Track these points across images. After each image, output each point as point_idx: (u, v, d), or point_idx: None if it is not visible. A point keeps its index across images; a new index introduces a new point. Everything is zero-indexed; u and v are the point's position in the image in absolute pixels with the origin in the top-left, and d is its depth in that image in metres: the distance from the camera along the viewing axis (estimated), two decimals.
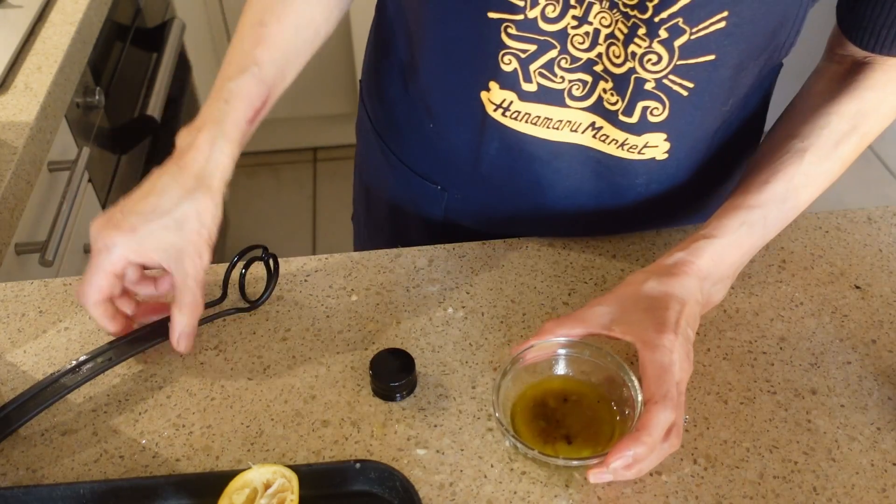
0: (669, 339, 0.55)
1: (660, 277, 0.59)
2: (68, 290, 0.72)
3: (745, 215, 0.62)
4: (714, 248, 0.61)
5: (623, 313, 0.58)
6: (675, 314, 0.57)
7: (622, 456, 0.51)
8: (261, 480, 0.54)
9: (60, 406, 0.63)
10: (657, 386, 0.53)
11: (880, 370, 0.64)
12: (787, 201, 0.64)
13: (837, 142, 0.64)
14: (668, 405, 0.52)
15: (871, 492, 0.56)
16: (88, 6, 1.15)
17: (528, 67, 0.63)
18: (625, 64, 0.61)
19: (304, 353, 0.66)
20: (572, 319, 0.59)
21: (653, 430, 0.51)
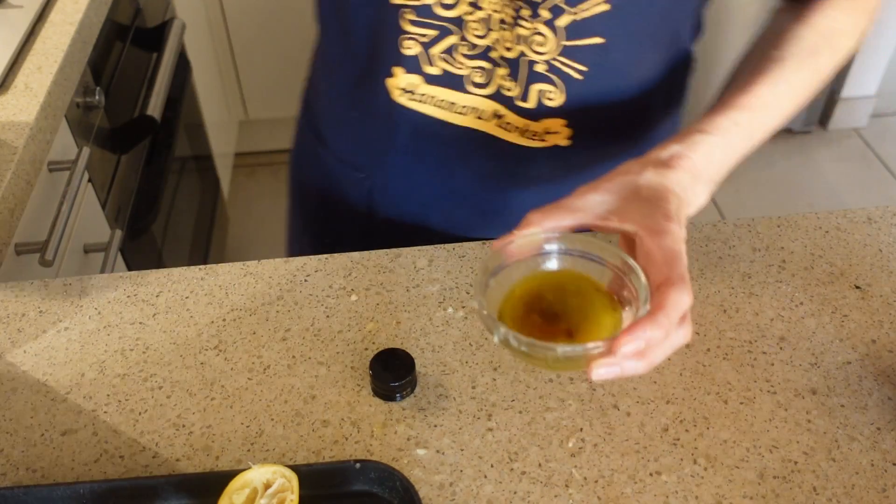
0: (677, 229, 0.49)
1: (657, 169, 0.53)
2: (69, 289, 0.72)
3: (736, 115, 0.59)
4: (708, 145, 0.56)
5: (620, 203, 0.52)
6: (674, 207, 0.51)
7: (635, 338, 0.44)
8: (261, 480, 0.54)
9: (60, 406, 0.63)
10: (671, 268, 0.47)
11: (880, 370, 0.64)
12: (771, 107, 0.61)
13: (813, 52, 0.63)
14: (684, 287, 0.46)
15: (870, 492, 0.56)
16: (88, 6, 1.15)
17: (429, 52, 0.66)
18: (515, 47, 0.63)
19: (304, 353, 0.66)
20: (561, 209, 0.52)
21: (670, 311, 0.45)
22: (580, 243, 0.52)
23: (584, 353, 0.45)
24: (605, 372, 0.45)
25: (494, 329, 0.47)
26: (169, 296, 0.72)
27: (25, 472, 0.59)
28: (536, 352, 0.46)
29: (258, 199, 2.27)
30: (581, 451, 0.59)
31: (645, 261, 0.48)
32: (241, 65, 2.16)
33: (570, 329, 0.50)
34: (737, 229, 0.77)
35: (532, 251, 0.52)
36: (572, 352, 0.46)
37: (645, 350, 0.45)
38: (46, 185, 1.01)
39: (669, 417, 0.61)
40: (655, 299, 0.46)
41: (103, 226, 1.18)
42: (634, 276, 0.48)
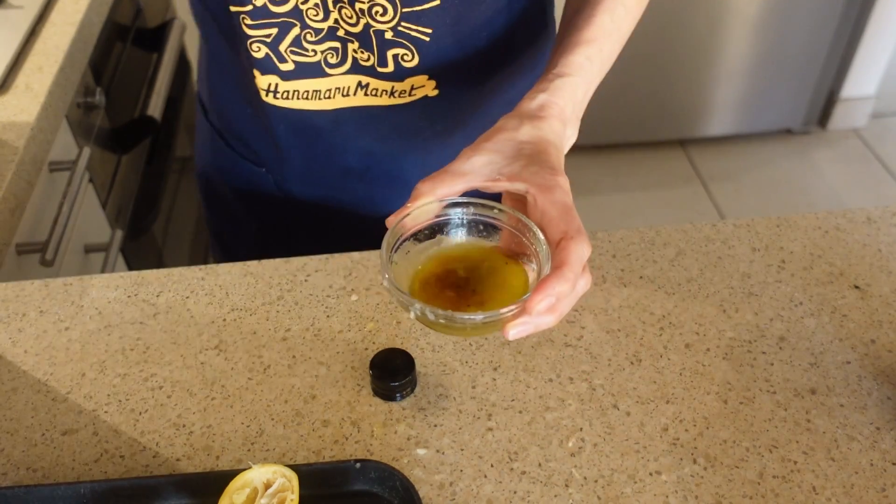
0: (564, 180, 0.51)
1: (532, 122, 0.55)
2: (69, 289, 0.72)
3: (586, 50, 0.60)
4: (570, 86, 0.58)
5: (506, 161, 0.53)
6: (555, 159, 0.53)
7: (546, 295, 0.46)
8: (261, 480, 0.54)
9: (61, 406, 0.63)
10: (567, 223, 0.49)
11: (880, 370, 0.64)
12: (613, 34, 0.63)
13: None
14: (583, 239, 0.48)
15: (870, 491, 0.57)
16: (89, 7, 1.15)
17: (277, 49, 0.67)
18: (359, 22, 0.64)
19: (305, 353, 0.66)
20: (449, 175, 0.53)
21: (574, 265, 0.47)
22: (473, 207, 0.53)
23: (501, 317, 0.47)
24: (520, 330, 0.47)
25: (409, 306, 0.48)
26: (169, 296, 0.72)
27: (26, 472, 0.59)
28: (455, 323, 0.48)
29: None
30: (581, 451, 0.59)
31: (540, 217, 0.50)
32: None
33: (478, 292, 0.51)
34: (736, 229, 0.77)
35: (427, 221, 0.53)
36: (490, 317, 0.47)
37: (555, 304, 0.47)
38: (47, 185, 1.01)
39: (669, 417, 0.61)
40: (558, 255, 0.48)
41: (104, 226, 1.18)
42: (531, 234, 0.50)
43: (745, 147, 2.44)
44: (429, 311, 0.47)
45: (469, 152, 0.54)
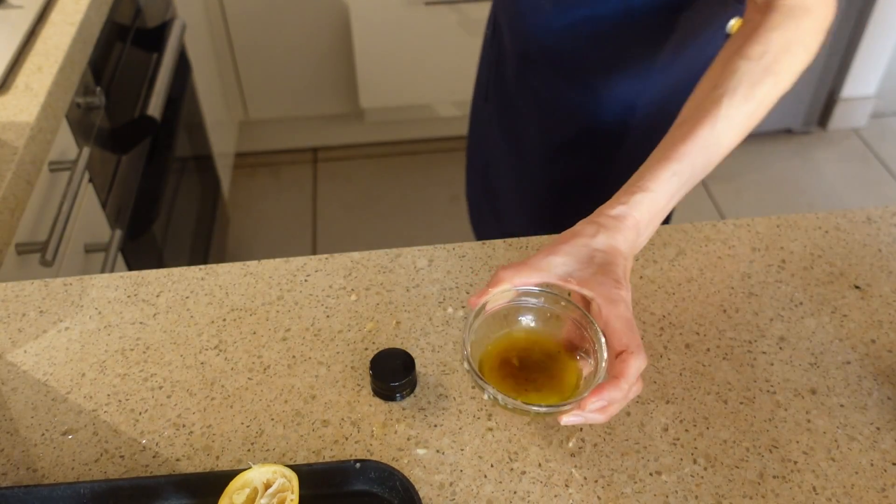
0: (627, 295, 0.57)
1: (607, 231, 0.60)
2: (69, 289, 0.72)
3: (674, 166, 0.63)
4: (649, 201, 0.62)
5: (578, 266, 0.59)
6: (622, 270, 0.59)
7: (599, 399, 0.52)
8: (261, 480, 0.54)
9: (61, 406, 0.63)
10: (629, 337, 0.54)
11: (880, 370, 0.64)
12: (710, 147, 0.64)
13: (753, 84, 0.65)
14: (641, 355, 0.54)
15: (870, 491, 0.57)
16: (89, 6, 1.15)
17: None
18: None
19: (304, 353, 0.66)
20: (528, 267, 0.59)
21: (630, 377, 0.53)
22: (545, 298, 0.60)
23: (560, 410, 0.54)
24: (572, 420, 0.54)
25: (484, 388, 0.55)
26: (169, 296, 0.72)
27: (26, 472, 0.59)
28: (520, 408, 0.54)
29: (258, 200, 2.27)
30: (581, 451, 0.59)
31: (604, 326, 0.56)
32: (241, 65, 2.16)
33: (538, 387, 0.57)
34: (736, 229, 0.77)
35: (503, 304, 0.60)
36: (551, 410, 0.54)
37: (606, 407, 0.53)
38: (47, 185, 1.01)
39: (669, 417, 0.61)
40: (617, 365, 0.53)
41: (104, 226, 1.18)
42: (594, 332, 0.57)
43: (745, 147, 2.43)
44: (500, 397, 0.54)
45: (547, 250, 0.60)
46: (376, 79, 2.15)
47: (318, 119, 2.34)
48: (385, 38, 2.04)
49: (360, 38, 2.03)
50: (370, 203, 2.26)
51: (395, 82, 2.15)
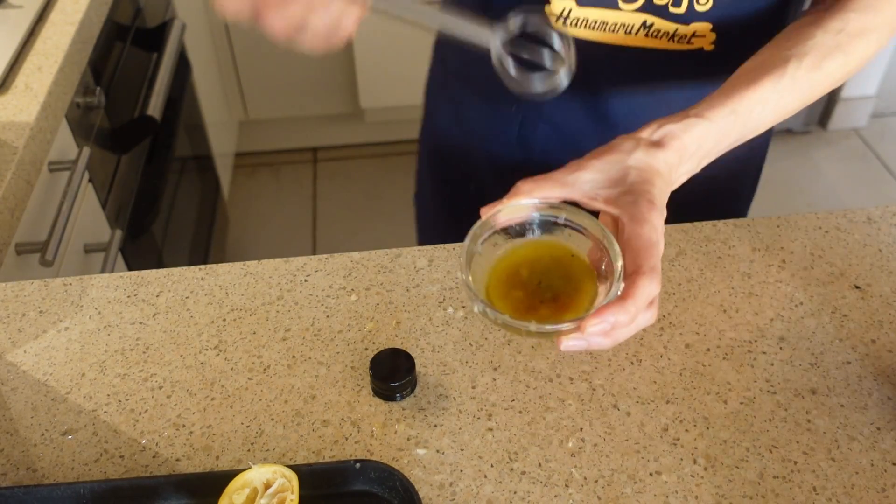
0: (658, 217, 0.52)
1: (648, 148, 0.55)
2: (69, 289, 0.72)
3: (735, 104, 0.60)
4: (702, 129, 0.58)
5: (609, 183, 0.54)
6: (659, 191, 0.54)
7: (602, 321, 0.48)
8: (261, 480, 0.54)
9: (61, 406, 0.63)
10: (645, 258, 0.50)
11: (880, 370, 0.64)
12: (769, 102, 0.62)
13: (824, 55, 0.63)
14: (655, 277, 0.50)
15: (870, 491, 0.57)
16: (89, 6, 1.15)
17: None
18: None
19: (304, 353, 0.66)
20: (552, 182, 0.54)
21: (638, 300, 0.49)
22: (566, 213, 0.54)
23: (556, 331, 0.49)
24: (573, 345, 0.49)
25: (474, 301, 0.50)
26: (169, 296, 0.72)
27: (26, 472, 0.59)
28: (511, 327, 0.49)
29: (258, 200, 2.27)
30: (581, 451, 0.59)
31: (625, 245, 0.51)
32: (241, 65, 2.16)
33: (554, 297, 0.53)
34: (736, 229, 0.77)
35: (520, 219, 0.54)
36: (545, 329, 0.49)
37: (611, 330, 0.48)
38: (47, 185, 1.01)
39: (669, 417, 0.61)
40: (627, 286, 0.49)
41: (103, 226, 1.18)
42: (612, 253, 0.51)
43: None
44: (489, 311, 0.49)
45: (576, 165, 0.55)
46: (376, 79, 2.15)
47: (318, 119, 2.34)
48: (385, 38, 2.04)
49: (360, 38, 2.03)
50: (370, 203, 2.26)
51: (395, 82, 2.15)
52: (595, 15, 0.71)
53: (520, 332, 0.50)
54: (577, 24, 0.72)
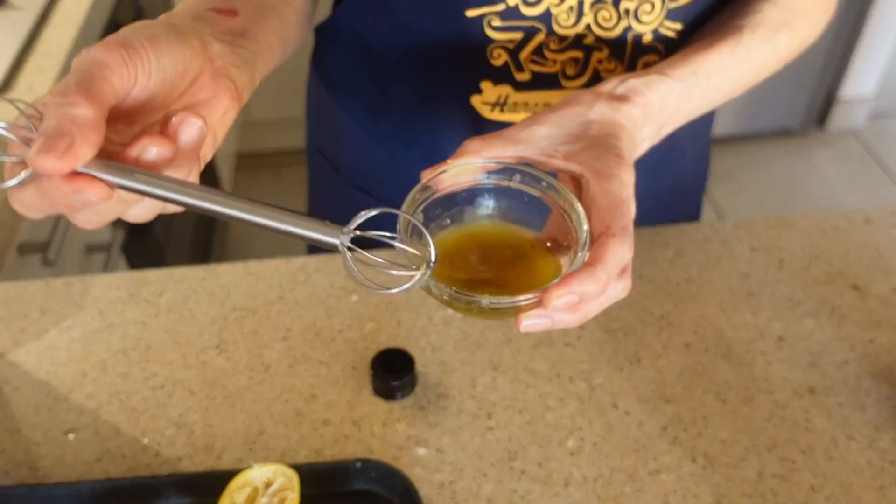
0: (627, 173, 0.45)
1: (610, 102, 0.49)
2: (70, 289, 0.73)
3: (695, 66, 0.55)
4: (666, 86, 0.53)
5: (568, 138, 0.47)
6: (626, 146, 0.47)
7: (569, 291, 0.40)
8: (262, 479, 0.54)
9: (63, 405, 0.63)
10: (614, 218, 0.43)
11: (878, 370, 0.65)
12: (728, 71, 0.58)
13: (774, 28, 0.60)
14: (626, 239, 0.42)
15: (868, 490, 0.57)
16: (90, 8, 1.16)
17: (518, 57, 0.62)
18: (618, 25, 0.60)
19: (305, 353, 0.67)
20: (503, 139, 0.47)
21: (609, 265, 0.41)
22: (519, 176, 0.46)
23: (514, 305, 0.41)
24: (535, 323, 0.41)
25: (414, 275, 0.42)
26: (171, 295, 0.72)
27: (28, 471, 0.59)
28: (459, 302, 0.41)
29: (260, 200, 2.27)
30: (580, 450, 0.59)
31: (588, 205, 0.44)
32: None
33: (497, 274, 0.45)
34: (735, 229, 0.77)
35: (466, 183, 0.46)
36: (500, 303, 0.41)
37: (579, 303, 0.41)
38: None
39: (668, 416, 0.61)
40: (594, 250, 0.42)
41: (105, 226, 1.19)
42: (576, 218, 0.44)
43: (744, 147, 2.44)
44: (433, 284, 0.41)
45: (530, 121, 0.48)
46: None
47: None
48: None
49: None
50: None
51: None
52: (536, 98, 0.64)
53: (470, 309, 0.42)
54: (516, 109, 0.66)
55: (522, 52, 0.62)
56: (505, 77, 0.64)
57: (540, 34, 0.61)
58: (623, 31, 0.61)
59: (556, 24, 0.61)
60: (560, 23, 0.61)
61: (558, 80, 0.64)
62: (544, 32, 0.61)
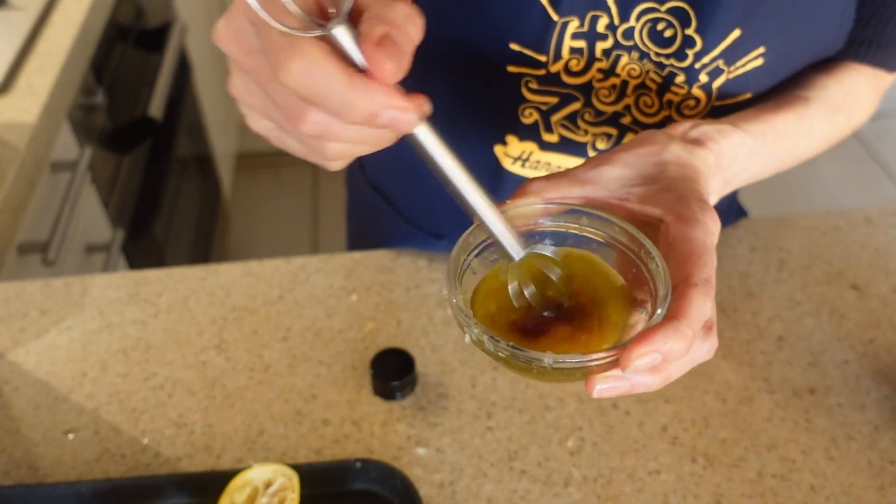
0: (713, 218, 0.40)
1: (685, 144, 0.45)
2: (70, 289, 0.73)
3: (765, 126, 0.52)
4: (738, 139, 0.49)
5: (642, 180, 0.43)
6: (704, 190, 0.43)
7: (652, 350, 0.35)
8: (262, 479, 0.54)
9: (62, 405, 0.63)
10: (696, 267, 0.38)
11: (878, 369, 0.65)
12: (791, 139, 0.55)
13: (835, 108, 0.58)
14: (710, 292, 0.37)
15: (868, 490, 0.57)
16: (90, 8, 1.16)
17: (549, 119, 0.60)
18: (659, 113, 0.58)
19: (305, 353, 0.67)
20: (568, 179, 0.43)
21: (693, 319, 0.36)
22: (587, 219, 0.42)
23: (584, 365, 0.36)
24: (611, 387, 0.37)
25: (466, 327, 0.37)
26: (170, 295, 0.72)
27: (28, 471, 0.59)
28: (517, 360, 0.36)
29: (260, 200, 2.27)
30: (580, 450, 0.59)
31: (666, 252, 0.40)
32: None
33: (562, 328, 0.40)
34: (735, 229, 0.77)
35: (526, 226, 0.42)
36: (566, 362, 0.35)
37: (662, 363, 0.36)
38: (49, 185, 1.02)
39: (668, 416, 0.61)
40: (675, 302, 0.37)
41: (105, 226, 1.19)
42: (654, 267, 0.39)
43: None
44: (488, 339, 0.36)
45: (597, 160, 0.44)
46: None
47: None
48: None
49: None
50: None
51: None
52: (560, 160, 0.62)
53: (529, 368, 0.36)
54: (537, 167, 0.64)
55: (555, 115, 0.60)
56: (532, 135, 0.62)
57: (577, 103, 0.59)
58: (662, 119, 0.58)
59: (595, 98, 0.58)
60: (600, 98, 0.58)
61: (586, 150, 0.61)
62: (581, 102, 0.59)
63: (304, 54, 0.31)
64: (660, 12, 0.54)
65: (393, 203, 0.78)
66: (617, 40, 0.55)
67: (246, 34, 0.34)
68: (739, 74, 0.56)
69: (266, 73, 0.34)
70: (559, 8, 0.53)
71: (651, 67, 0.56)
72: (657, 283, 0.38)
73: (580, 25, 0.54)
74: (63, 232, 0.96)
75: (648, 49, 0.55)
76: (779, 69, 0.57)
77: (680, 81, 0.56)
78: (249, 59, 0.34)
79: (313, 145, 0.36)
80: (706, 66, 0.55)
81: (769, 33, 0.54)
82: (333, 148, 0.36)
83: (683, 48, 0.54)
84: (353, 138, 0.35)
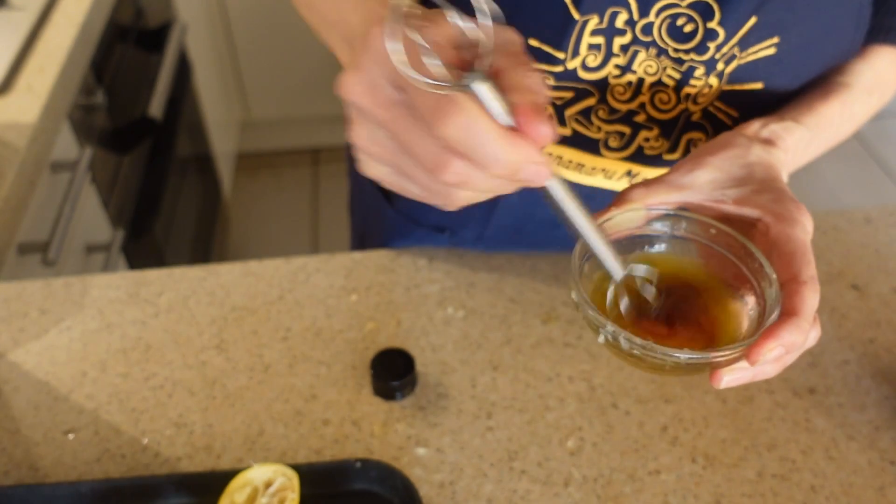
0: (808, 217, 0.44)
1: (763, 145, 0.48)
2: (70, 289, 0.73)
3: (818, 117, 0.54)
4: (800, 134, 0.51)
5: (733, 182, 0.45)
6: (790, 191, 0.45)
7: (779, 345, 0.39)
8: (262, 479, 0.54)
9: (62, 405, 0.63)
10: (802, 265, 0.42)
11: (878, 369, 0.65)
12: (836, 126, 0.57)
13: (869, 90, 0.59)
14: (818, 288, 0.42)
15: (868, 490, 0.57)
16: (90, 8, 1.16)
17: (563, 112, 0.60)
18: (676, 108, 0.58)
19: (305, 353, 0.67)
20: (665, 185, 0.46)
21: (809, 314, 0.41)
22: (687, 223, 0.45)
23: (712, 360, 0.39)
24: (736, 378, 0.41)
25: (601, 327, 0.40)
26: (170, 295, 0.72)
27: (28, 471, 0.59)
28: (653, 356, 0.39)
29: (260, 200, 2.27)
30: (580, 450, 0.59)
31: (769, 251, 0.43)
32: (243, 65, 2.16)
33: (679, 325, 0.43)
34: None
35: (630, 231, 0.45)
36: (699, 359, 0.39)
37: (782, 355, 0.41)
38: (49, 185, 1.02)
39: (668, 416, 0.61)
40: (789, 299, 0.41)
41: (105, 226, 1.19)
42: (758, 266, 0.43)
43: None
44: (624, 337, 0.39)
45: (689, 165, 0.46)
46: None
47: (319, 119, 2.35)
48: None
49: None
50: None
51: None
52: (571, 155, 0.63)
53: (662, 366, 0.40)
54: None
55: (569, 109, 0.60)
56: None
57: (591, 98, 0.59)
58: (679, 113, 0.58)
59: (610, 95, 0.58)
60: (615, 95, 0.58)
61: (598, 147, 0.62)
62: (596, 98, 0.59)
63: (463, 109, 0.33)
64: (680, 7, 0.54)
65: (394, 197, 0.78)
66: (635, 36, 0.55)
67: (382, 88, 0.35)
68: (749, 61, 0.56)
69: (407, 124, 0.35)
70: (580, 6, 0.54)
71: (669, 64, 0.56)
72: (764, 284, 0.42)
73: (600, 22, 0.55)
74: (63, 232, 0.96)
75: (667, 45, 0.55)
76: (792, 62, 0.57)
77: (699, 74, 0.56)
78: (386, 112, 0.36)
79: (443, 192, 0.37)
80: (725, 54, 0.55)
81: (785, 24, 0.54)
82: (464, 195, 0.37)
83: (705, 41, 0.54)
84: (487, 188, 0.37)
